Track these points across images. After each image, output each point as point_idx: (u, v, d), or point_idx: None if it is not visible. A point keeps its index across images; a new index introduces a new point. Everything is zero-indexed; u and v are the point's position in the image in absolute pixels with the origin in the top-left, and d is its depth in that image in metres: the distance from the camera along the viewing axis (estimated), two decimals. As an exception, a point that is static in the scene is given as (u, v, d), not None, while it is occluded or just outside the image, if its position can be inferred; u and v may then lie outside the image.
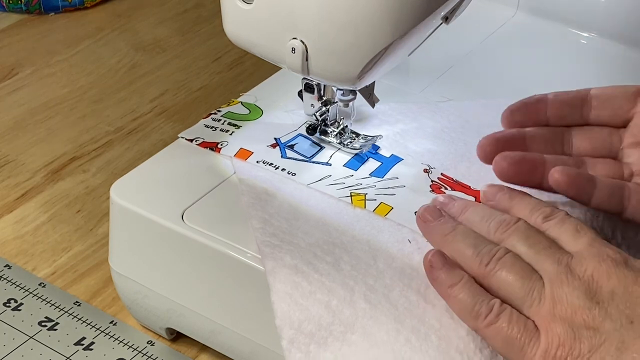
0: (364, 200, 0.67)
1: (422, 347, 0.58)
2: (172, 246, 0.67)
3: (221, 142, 0.72)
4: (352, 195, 0.67)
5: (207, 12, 1.14)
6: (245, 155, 0.71)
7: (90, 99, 0.99)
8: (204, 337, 0.71)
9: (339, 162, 0.70)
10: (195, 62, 1.05)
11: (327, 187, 0.68)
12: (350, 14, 0.61)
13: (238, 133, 0.73)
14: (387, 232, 0.64)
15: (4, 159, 0.92)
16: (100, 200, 0.86)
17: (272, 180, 0.68)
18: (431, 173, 0.69)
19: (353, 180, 0.69)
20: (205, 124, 0.74)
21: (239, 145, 0.71)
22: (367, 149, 0.71)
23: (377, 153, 0.71)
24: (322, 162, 0.70)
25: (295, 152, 0.71)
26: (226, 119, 0.74)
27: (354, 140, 0.72)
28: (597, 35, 0.86)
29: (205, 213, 0.67)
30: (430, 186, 0.68)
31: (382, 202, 0.66)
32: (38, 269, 0.80)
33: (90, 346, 0.73)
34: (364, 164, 0.70)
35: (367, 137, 0.72)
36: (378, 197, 0.67)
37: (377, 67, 0.64)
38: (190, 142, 0.72)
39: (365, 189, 0.68)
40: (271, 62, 0.67)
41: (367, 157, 0.70)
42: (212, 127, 0.74)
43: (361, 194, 0.67)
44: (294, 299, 0.60)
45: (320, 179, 0.69)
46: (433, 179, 0.69)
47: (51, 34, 1.09)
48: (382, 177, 0.69)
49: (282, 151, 0.71)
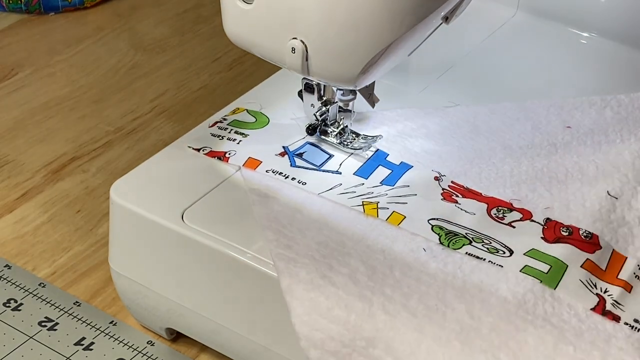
0: (376, 209, 0.66)
1: (445, 354, 0.57)
2: (172, 246, 0.67)
3: (229, 152, 0.71)
4: (364, 204, 0.67)
5: (207, 12, 1.14)
6: (254, 165, 0.70)
7: (90, 99, 0.99)
8: (204, 337, 0.71)
9: (349, 170, 0.70)
10: (195, 62, 1.05)
11: (339, 196, 0.67)
12: (350, 14, 0.61)
13: (245, 142, 0.72)
14: (401, 241, 0.64)
15: (4, 159, 0.92)
16: (100, 200, 0.86)
17: (283, 190, 0.68)
18: (442, 181, 0.69)
19: (364, 188, 0.68)
20: (212, 133, 0.73)
21: (247, 154, 0.71)
22: (367, 149, 0.71)
23: (386, 160, 0.70)
24: (332, 171, 0.70)
25: (304, 160, 0.70)
26: (232, 128, 0.74)
27: (354, 140, 0.72)
28: (597, 35, 0.86)
29: (205, 213, 0.67)
30: (441, 194, 0.68)
31: (395, 211, 0.66)
32: (38, 269, 0.80)
33: (90, 346, 0.73)
34: (374, 172, 0.70)
35: (367, 137, 0.72)
36: (390, 206, 0.66)
37: (377, 67, 0.64)
38: (198, 152, 0.72)
39: (376, 197, 0.67)
40: (271, 62, 0.67)
41: (377, 165, 0.70)
42: (219, 136, 0.73)
43: (373, 202, 0.67)
44: (314, 319, 0.60)
45: (331, 187, 0.68)
46: (444, 186, 0.68)
47: (51, 34, 1.09)
48: (393, 185, 0.68)
49: (291, 160, 0.70)
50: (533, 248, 0.63)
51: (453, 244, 0.63)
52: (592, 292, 0.61)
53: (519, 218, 0.66)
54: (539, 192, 0.68)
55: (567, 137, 0.73)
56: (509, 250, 0.63)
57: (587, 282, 0.62)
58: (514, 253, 0.63)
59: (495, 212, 0.66)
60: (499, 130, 0.73)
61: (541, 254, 0.63)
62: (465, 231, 0.65)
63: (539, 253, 0.63)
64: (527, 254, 0.63)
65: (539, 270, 0.62)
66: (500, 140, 0.73)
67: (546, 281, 0.61)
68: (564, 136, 0.73)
